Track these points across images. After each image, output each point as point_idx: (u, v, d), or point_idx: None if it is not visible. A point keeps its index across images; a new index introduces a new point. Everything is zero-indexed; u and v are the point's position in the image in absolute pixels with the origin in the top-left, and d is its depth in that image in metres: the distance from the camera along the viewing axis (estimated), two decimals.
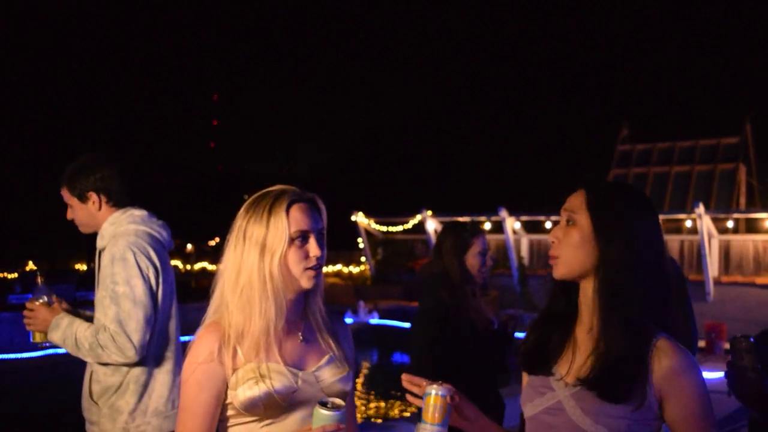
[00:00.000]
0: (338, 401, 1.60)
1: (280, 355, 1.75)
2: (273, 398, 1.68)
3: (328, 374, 1.81)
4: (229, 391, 1.72)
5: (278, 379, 1.70)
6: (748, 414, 2.79)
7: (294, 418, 1.73)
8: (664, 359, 1.50)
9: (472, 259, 3.45)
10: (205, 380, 1.70)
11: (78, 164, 2.81)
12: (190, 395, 1.71)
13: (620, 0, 51.30)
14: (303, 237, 1.75)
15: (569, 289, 1.67)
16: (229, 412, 1.74)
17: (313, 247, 1.76)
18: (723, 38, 47.07)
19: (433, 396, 1.59)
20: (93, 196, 2.76)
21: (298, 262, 1.75)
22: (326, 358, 1.83)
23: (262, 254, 1.72)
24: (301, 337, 1.82)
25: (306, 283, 1.77)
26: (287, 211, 1.74)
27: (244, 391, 1.68)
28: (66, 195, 2.81)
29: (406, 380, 1.71)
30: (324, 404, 1.59)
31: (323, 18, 60.60)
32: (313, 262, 1.76)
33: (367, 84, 53.58)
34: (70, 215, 2.84)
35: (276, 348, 1.74)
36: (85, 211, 2.79)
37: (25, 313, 2.70)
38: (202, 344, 1.73)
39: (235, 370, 1.71)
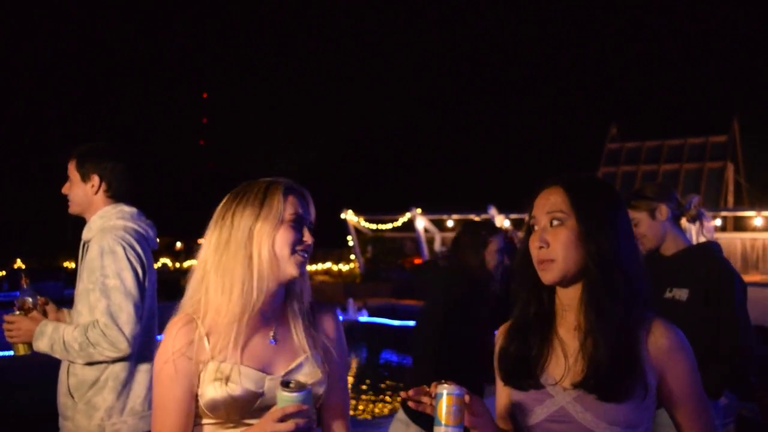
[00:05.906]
0: (302, 380, 1.52)
1: (248, 356, 1.67)
2: (235, 402, 1.61)
3: (299, 378, 1.69)
4: (198, 387, 1.65)
5: (242, 382, 1.62)
6: (736, 411, 2.81)
7: None
8: (660, 338, 1.54)
9: (489, 256, 3.63)
10: (179, 375, 1.64)
11: (95, 146, 2.84)
12: (162, 390, 1.65)
13: (610, 0, 51.46)
14: (297, 221, 1.71)
15: (540, 291, 1.64)
16: (198, 409, 1.66)
17: (305, 233, 1.72)
18: (712, 37, 47.32)
19: (447, 396, 1.45)
20: (95, 179, 2.78)
21: (289, 243, 1.68)
22: (298, 360, 1.72)
23: (251, 232, 1.66)
24: (272, 336, 1.72)
25: (293, 269, 1.69)
26: (284, 195, 1.70)
27: (208, 392, 1.62)
28: (71, 169, 2.82)
29: (408, 396, 1.53)
30: (287, 384, 1.49)
31: (313, 16, 60.50)
32: (303, 246, 1.71)
33: (358, 82, 53.55)
34: (65, 189, 2.84)
35: (244, 347, 1.67)
36: (82, 191, 2.79)
37: (5, 326, 2.61)
38: (173, 337, 1.66)
39: (204, 364, 1.64)
